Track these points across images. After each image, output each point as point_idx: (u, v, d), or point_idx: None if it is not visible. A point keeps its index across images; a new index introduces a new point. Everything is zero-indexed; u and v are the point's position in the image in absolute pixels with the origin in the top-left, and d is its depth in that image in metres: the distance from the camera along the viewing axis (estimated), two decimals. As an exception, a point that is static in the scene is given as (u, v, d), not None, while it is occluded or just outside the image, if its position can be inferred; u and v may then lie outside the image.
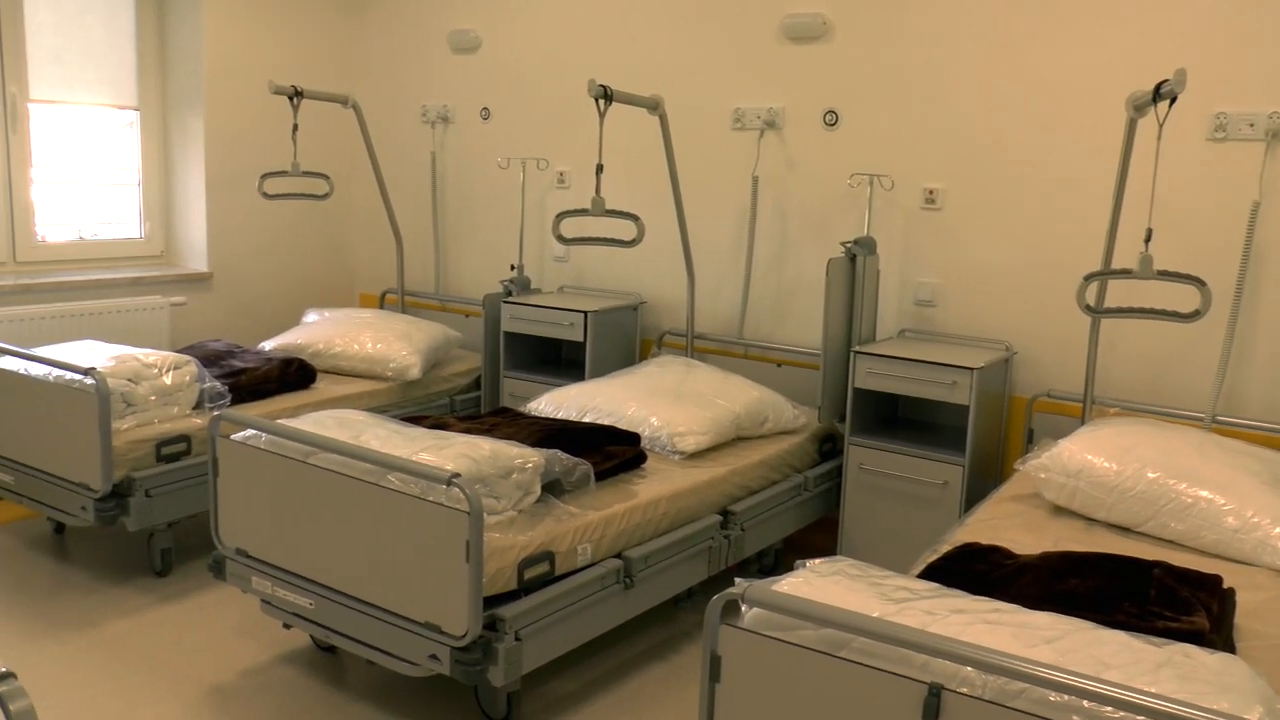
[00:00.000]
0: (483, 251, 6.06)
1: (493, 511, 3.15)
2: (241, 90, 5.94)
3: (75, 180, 5.77)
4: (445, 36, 6.03)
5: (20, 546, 4.62)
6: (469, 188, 6.07)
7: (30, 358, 4.29)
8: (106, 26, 5.73)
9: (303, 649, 3.76)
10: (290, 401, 4.72)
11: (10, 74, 5.34)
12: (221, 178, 5.92)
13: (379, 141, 6.25)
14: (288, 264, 6.33)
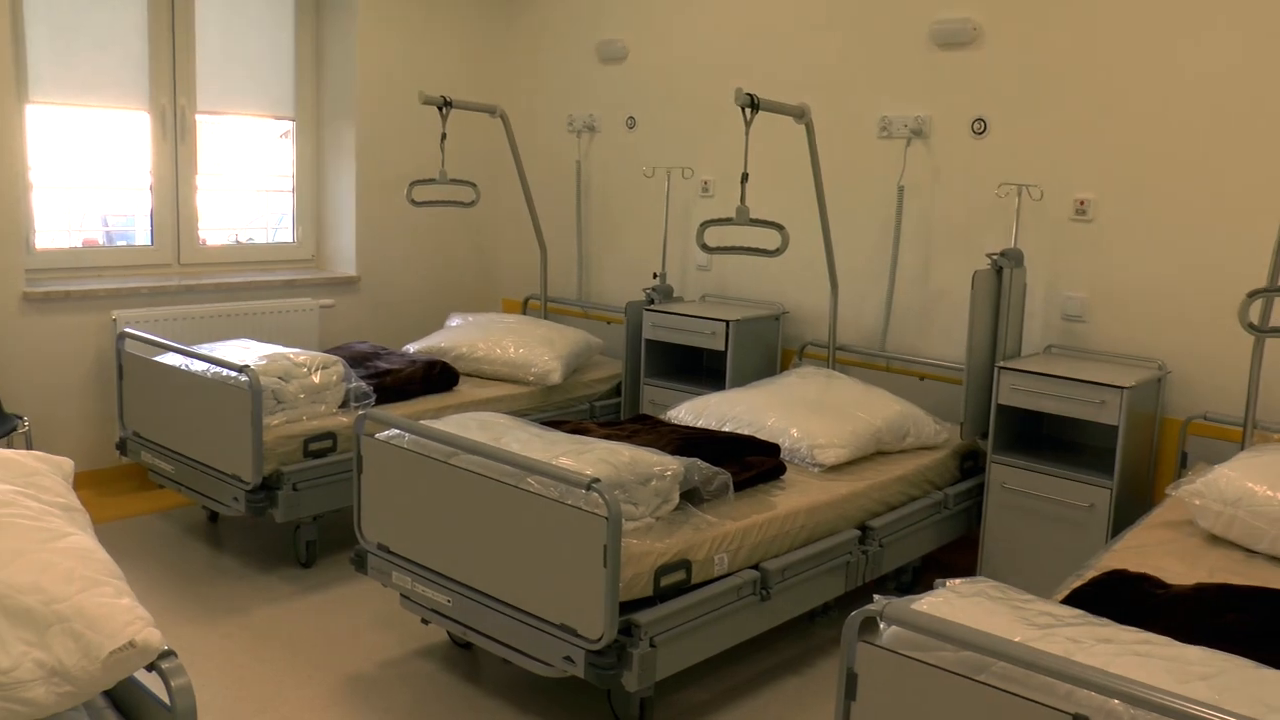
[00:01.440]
0: (625, 259, 6.10)
1: (631, 518, 3.17)
2: (392, 101, 6.10)
3: (234, 187, 6.01)
4: (593, 46, 6.10)
5: (177, 532, 4.83)
6: (613, 196, 6.12)
7: (190, 354, 4.47)
8: (268, 42, 5.95)
9: (440, 644, 3.84)
10: (433, 403, 4.82)
11: (181, 87, 5.60)
12: (371, 185, 6.09)
13: (525, 150, 6.34)
14: (433, 269, 6.48)
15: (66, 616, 1.82)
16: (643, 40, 5.87)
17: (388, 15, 6.04)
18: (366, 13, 5.95)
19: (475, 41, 6.46)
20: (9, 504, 2.06)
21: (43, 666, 1.77)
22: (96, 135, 5.44)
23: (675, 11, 5.71)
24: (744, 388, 4.60)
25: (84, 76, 5.31)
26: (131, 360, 4.77)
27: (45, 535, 1.99)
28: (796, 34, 5.22)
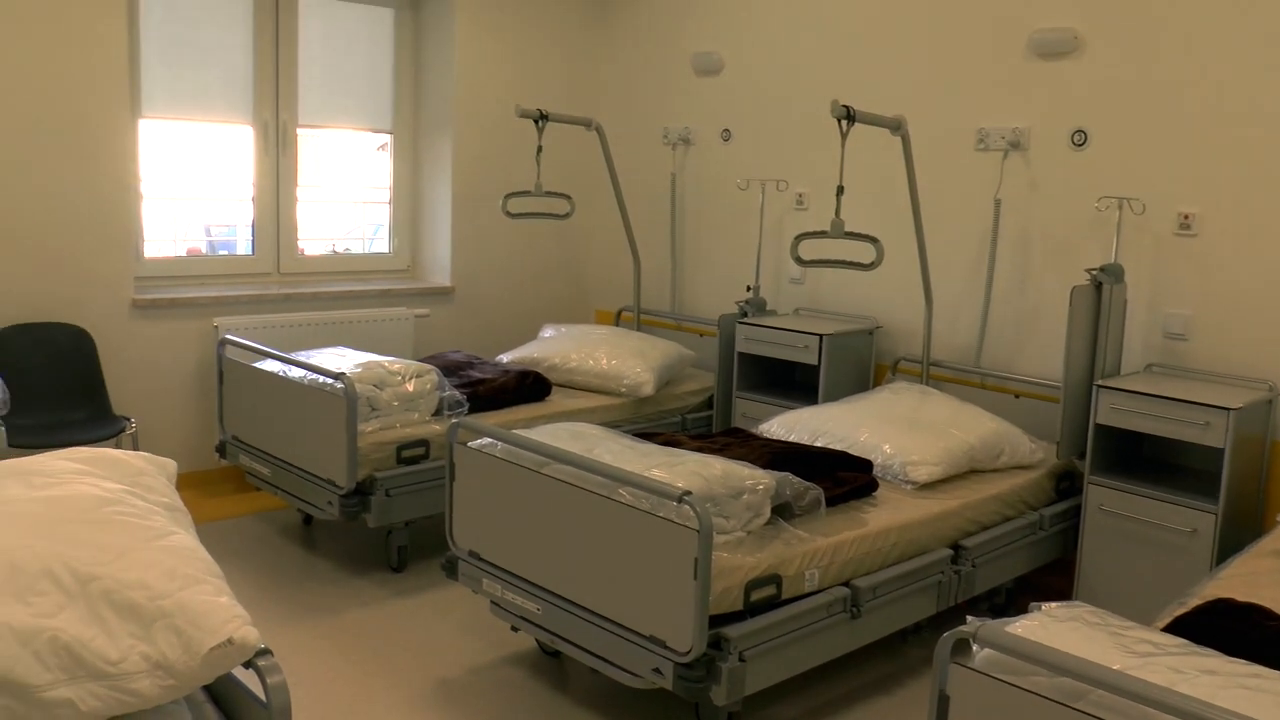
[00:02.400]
0: (719, 272, 6.09)
1: (722, 531, 3.16)
2: (488, 114, 6.17)
3: (332, 199, 6.14)
4: (689, 59, 6.11)
5: (273, 534, 4.93)
6: (707, 208, 6.12)
7: (288, 361, 4.56)
8: (367, 58, 6.08)
9: (528, 652, 3.86)
10: (525, 413, 4.85)
11: (283, 102, 5.73)
12: (466, 197, 6.17)
13: (620, 162, 6.37)
14: (527, 280, 6.54)
15: (170, 612, 1.86)
16: (738, 52, 5.87)
17: (486, 30, 6.12)
18: (465, 28, 6.03)
19: (572, 55, 6.52)
20: (118, 502, 2.12)
21: (148, 660, 1.81)
22: (201, 148, 5.59)
23: (771, 23, 5.70)
24: (836, 403, 4.56)
25: (192, 92, 5.47)
26: (232, 366, 4.88)
27: (150, 533, 2.04)
28: (893, 45, 5.17)
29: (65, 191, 4.92)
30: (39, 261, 4.90)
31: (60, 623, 1.80)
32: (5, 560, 1.87)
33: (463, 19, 6.02)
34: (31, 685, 1.74)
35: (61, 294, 4.97)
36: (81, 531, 1.99)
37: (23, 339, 4.86)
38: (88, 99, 4.92)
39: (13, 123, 4.76)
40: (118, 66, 4.98)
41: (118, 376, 5.14)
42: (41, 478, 2.19)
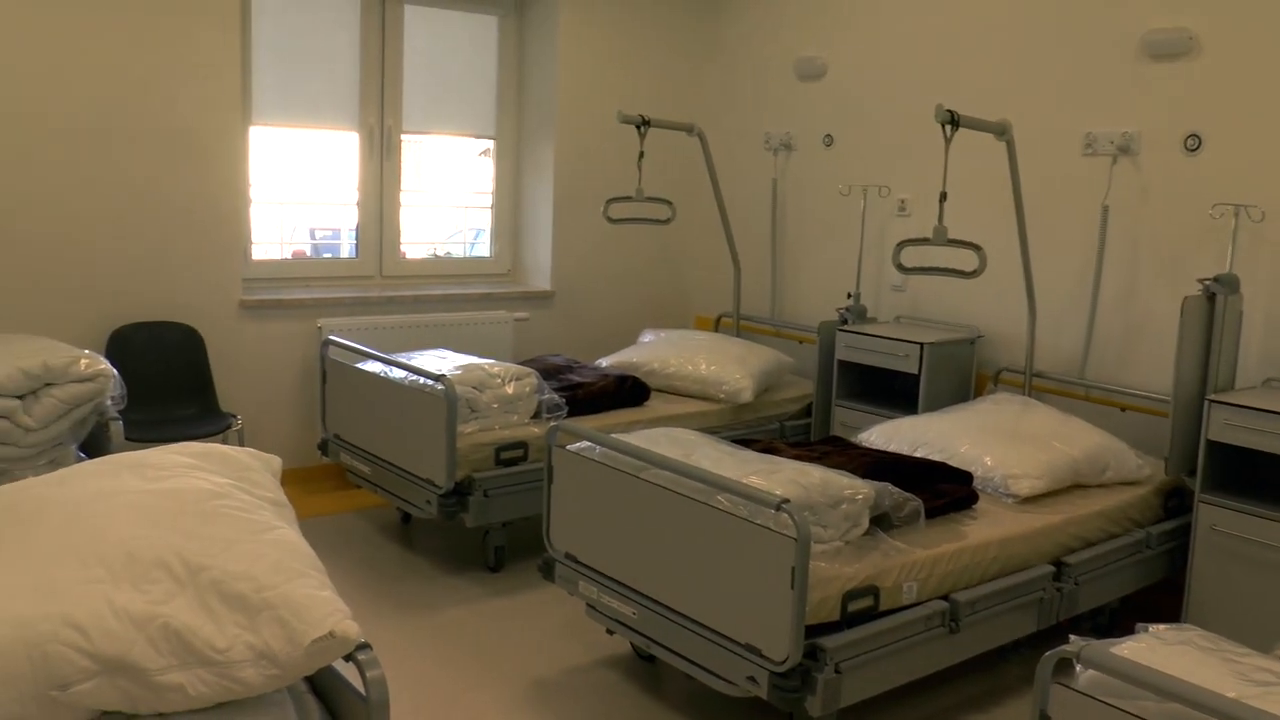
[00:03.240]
0: (819, 278, 6.05)
1: (820, 540, 3.13)
2: (590, 119, 6.21)
3: (434, 203, 6.23)
4: (791, 64, 6.08)
5: (372, 531, 5.01)
6: (808, 214, 6.08)
7: (390, 362, 4.64)
8: (471, 65, 6.16)
9: (623, 655, 3.86)
10: (624, 417, 4.86)
11: (389, 108, 5.84)
12: (568, 202, 6.21)
13: (721, 168, 6.36)
14: (627, 285, 6.56)
15: (274, 604, 1.90)
16: (842, 56, 5.82)
17: (589, 37, 6.16)
18: (568, 34, 6.08)
19: (674, 61, 6.53)
20: (225, 496, 2.17)
21: (253, 649, 1.85)
22: (307, 154, 5.72)
23: (876, 27, 5.64)
24: (937, 413, 4.49)
25: (300, 99, 5.60)
26: (334, 366, 4.98)
27: (256, 527, 2.08)
28: (998, 47, 5.09)
29: (180, 197, 5.07)
30: (154, 263, 5.06)
31: (172, 610, 1.85)
32: (123, 549, 1.93)
33: (566, 25, 6.07)
34: (146, 668, 1.80)
35: (174, 294, 5.12)
36: (192, 523, 2.04)
37: (138, 337, 5.02)
38: (202, 108, 5.07)
39: (132, 131, 4.92)
40: (230, 76, 5.12)
41: (225, 374, 5.27)
42: (155, 470, 2.25)
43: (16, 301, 4.76)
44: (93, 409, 3.49)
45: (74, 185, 4.84)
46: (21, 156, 4.71)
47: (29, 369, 3.32)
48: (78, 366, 3.42)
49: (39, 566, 1.91)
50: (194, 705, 1.84)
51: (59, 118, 4.77)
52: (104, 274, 4.95)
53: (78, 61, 4.77)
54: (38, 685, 1.75)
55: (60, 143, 4.78)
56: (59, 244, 4.84)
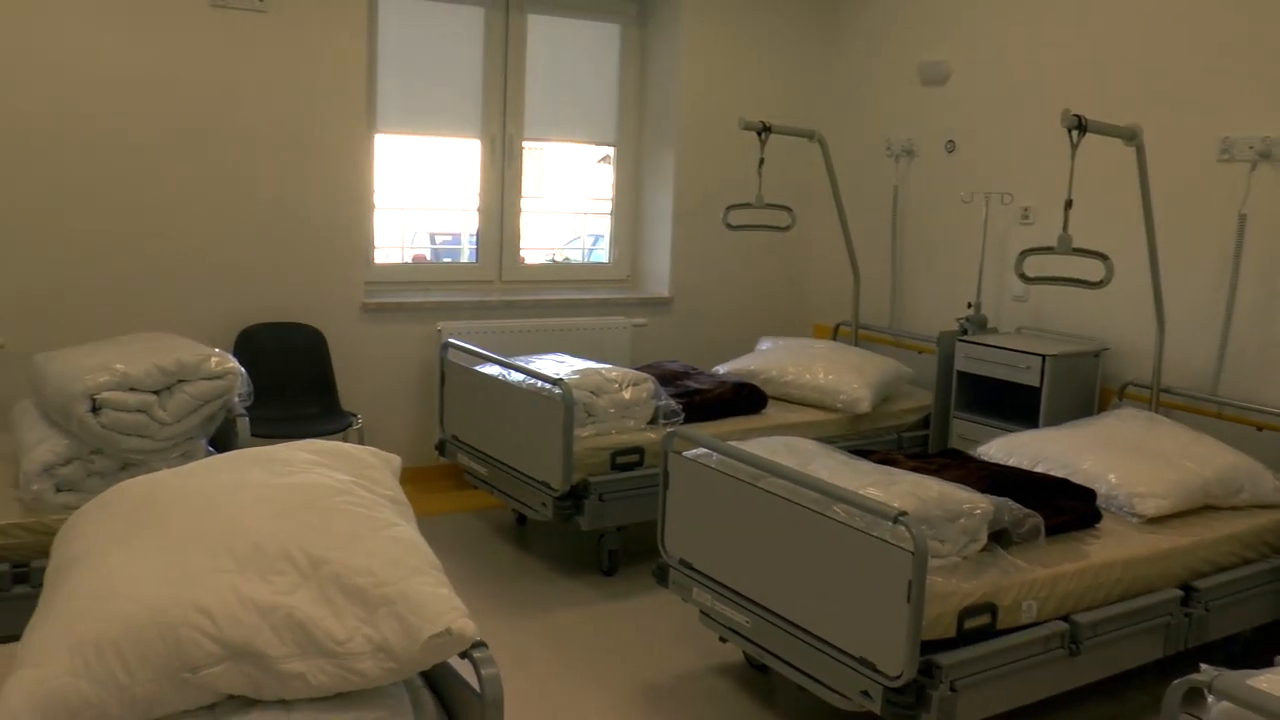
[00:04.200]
0: (939, 287, 5.95)
1: (937, 555, 3.07)
2: (711, 126, 6.21)
3: (553, 209, 6.30)
4: (914, 68, 6.00)
5: (488, 531, 5.08)
6: (929, 222, 5.99)
7: (509, 365, 4.69)
8: (593, 74, 6.21)
9: (736, 664, 3.84)
10: (740, 424, 4.84)
11: (511, 117, 5.92)
12: (687, 208, 6.21)
13: (841, 174, 6.30)
14: (745, 292, 6.54)
15: (393, 599, 1.93)
16: (966, 61, 5.72)
17: (710, 44, 6.16)
18: (690, 42, 6.09)
19: (795, 67, 6.49)
20: (347, 493, 2.21)
21: (371, 642, 1.89)
22: (428, 160, 5.83)
23: (1001, 31, 5.53)
24: (1059, 427, 4.37)
25: (424, 108, 5.71)
26: (453, 369, 5.05)
27: (376, 524, 2.12)
28: (1128, 50, 4.94)
29: (307, 203, 5.22)
30: (282, 266, 5.21)
31: (295, 601, 1.90)
32: (250, 540, 1.99)
33: (688, 33, 6.08)
34: (270, 656, 1.84)
35: (300, 296, 5.27)
36: (316, 518, 2.09)
37: (264, 337, 5.17)
38: (330, 118, 5.22)
39: (264, 141, 5.09)
40: (357, 87, 5.26)
41: (347, 375, 5.40)
42: (281, 466, 2.31)
43: (154, 302, 4.96)
44: (222, 405, 3.60)
45: (208, 192, 5.02)
46: (161, 165, 4.90)
47: (164, 366, 3.44)
48: (209, 364, 3.53)
49: (172, 554, 1.98)
50: (315, 694, 1.88)
51: (198, 129, 4.96)
52: (234, 276, 5.12)
53: (216, 76, 4.95)
54: (171, 667, 1.82)
55: (197, 152, 4.97)
56: (194, 248, 5.02)
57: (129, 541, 2.05)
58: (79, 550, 2.10)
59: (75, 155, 4.74)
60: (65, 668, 1.78)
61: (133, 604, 1.86)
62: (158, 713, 1.83)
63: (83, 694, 1.77)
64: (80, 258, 4.81)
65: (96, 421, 3.29)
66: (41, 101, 4.65)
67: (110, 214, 4.84)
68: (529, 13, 5.92)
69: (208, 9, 4.90)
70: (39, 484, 3.28)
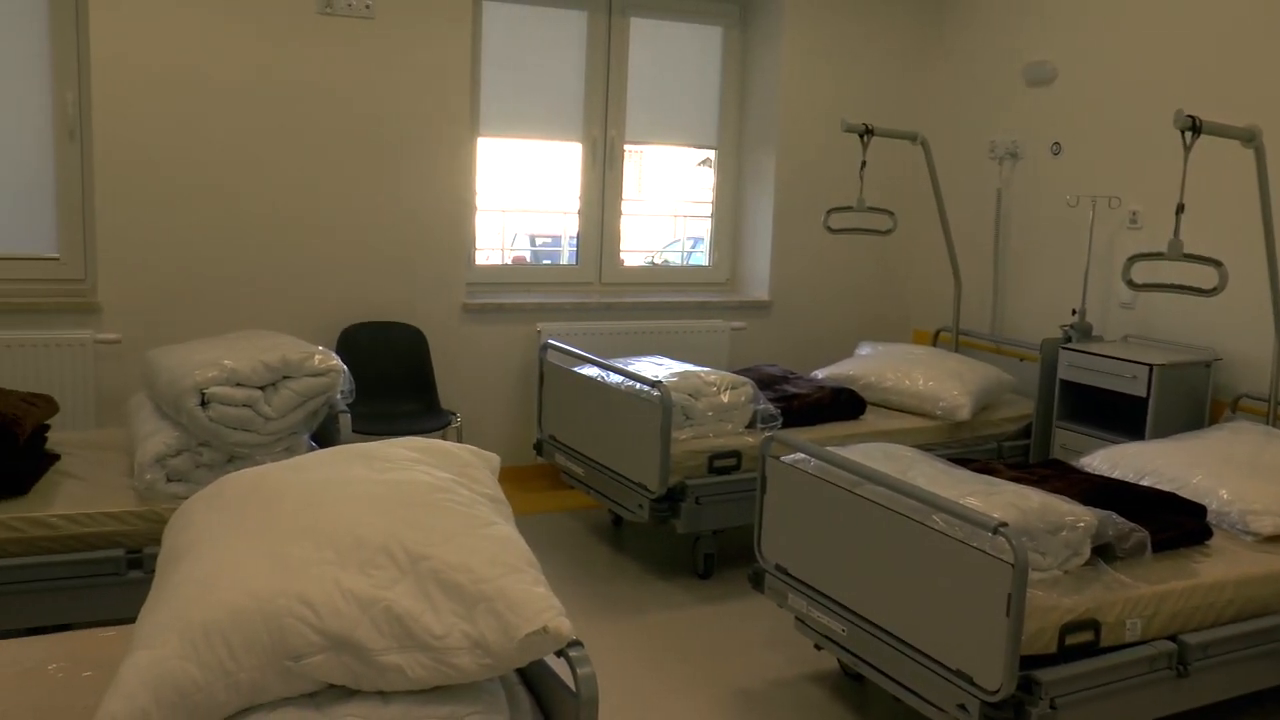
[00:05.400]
0: (1043, 293, 5.83)
1: (1037, 568, 3.01)
2: (813, 128, 6.17)
3: (652, 212, 6.31)
4: (1020, 69, 5.89)
5: (584, 531, 5.11)
6: (1033, 226, 5.87)
7: (607, 367, 4.71)
8: (695, 77, 6.22)
9: (830, 672, 3.81)
10: (838, 430, 4.81)
11: (612, 120, 5.95)
12: (788, 211, 6.18)
13: (944, 177, 6.21)
14: (844, 296, 6.49)
15: (490, 596, 1.95)
16: (1073, 60, 5.60)
17: (813, 45, 6.12)
18: (792, 43, 6.06)
19: (898, 69, 6.42)
20: (446, 490, 2.24)
21: (468, 638, 1.91)
22: (529, 163, 5.89)
23: (1110, 29, 5.40)
24: (1167, 439, 4.25)
25: (526, 112, 5.78)
26: (552, 369, 5.09)
27: (475, 522, 2.14)
28: (1244, 47, 4.77)
29: (411, 204, 5.32)
30: (385, 266, 5.31)
31: (394, 595, 1.93)
32: (351, 534, 2.02)
33: (790, 35, 6.05)
34: (369, 648, 1.88)
35: (402, 296, 5.36)
36: (415, 514, 2.11)
37: (366, 335, 5.27)
38: (433, 120, 5.31)
39: (368, 143, 5.20)
40: (460, 90, 5.34)
41: (447, 374, 5.48)
42: (382, 462, 2.34)
43: (261, 301, 5.09)
44: (324, 401, 3.68)
45: (314, 195, 5.14)
46: (268, 169, 5.03)
47: (270, 362, 3.53)
48: (312, 361, 3.61)
49: (276, 545, 2.02)
50: (412, 686, 1.91)
51: (306, 133, 5.08)
52: (338, 277, 5.23)
53: (323, 81, 5.07)
54: (274, 655, 1.86)
55: (304, 155, 5.09)
56: (300, 249, 5.15)
57: (235, 532, 2.11)
58: (189, 539, 2.16)
59: (187, 161, 4.89)
60: (176, 651, 1.84)
61: (239, 593, 1.91)
62: (261, 698, 1.88)
63: (191, 677, 1.82)
64: (191, 259, 4.96)
65: (205, 415, 3.39)
66: (155, 108, 4.81)
67: (219, 217, 4.98)
68: (631, 16, 5.94)
69: (315, 16, 5.01)
70: (151, 474, 3.39)
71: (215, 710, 1.85)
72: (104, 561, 3.34)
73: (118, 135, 4.75)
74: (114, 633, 2.56)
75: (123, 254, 4.82)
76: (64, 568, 3.30)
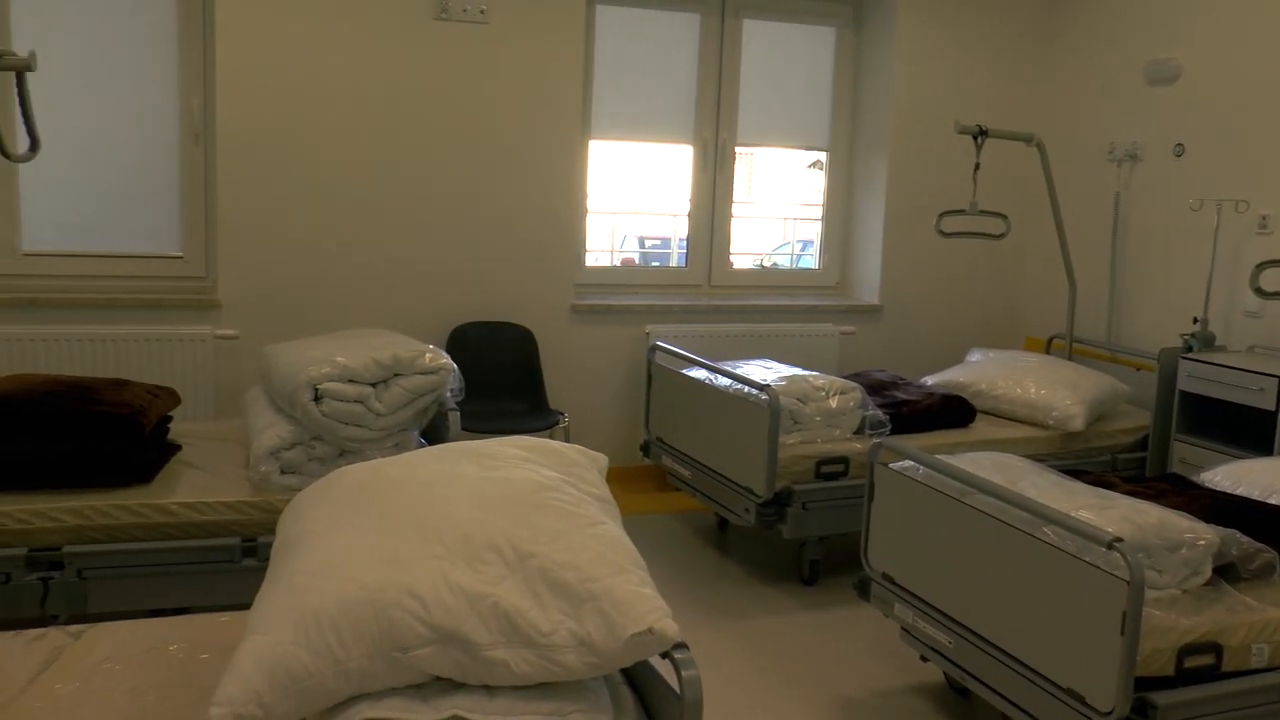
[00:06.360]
0: (1162, 301, 5.66)
1: (1155, 586, 2.92)
2: (925, 130, 6.09)
3: (761, 214, 6.29)
4: (1141, 68, 5.71)
5: (689, 534, 5.11)
6: (1153, 231, 5.70)
7: (716, 370, 4.70)
8: (808, 79, 6.18)
9: (935, 684, 3.74)
10: (947, 438, 4.74)
11: (724, 123, 5.94)
12: (899, 215, 6.11)
13: (1060, 180, 6.07)
14: (955, 302, 6.38)
15: (597, 596, 1.96)
16: (1199, 59, 5.42)
17: (927, 46, 6.04)
18: (906, 44, 5.98)
19: (1013, 69, 6.29)
20: (554, 489, 2.25)
21: (574, 636, 1.92)
22: (638, 165, 5.91)
23: (1239, 24, 5.20)
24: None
25: (637, 114, 5.80)
26: (660, 371, 5.10)
27: (583, 521, 2.15)
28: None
29: (522, 207, 5.38)
30: (496, 268, 5.38)
31: (501, 591, 1.94)
32: (460, 530, 2.05)
33: (903, 35, 5.97)
34: (476, 643, 1.90)
35: (512, 297, 5.42)
36: (523, 512, 2.13)
37: (477, 335, 5.34)
38: (546, 124, 5.37)
39: (481, 146, 5.29)
40: (573, 94, 5.39)
41: (555, 374, 5.52)
42: (491, 460, 2.37)
43: (374, 300, 5.19)
44: (434, 399, 3.74)
45: (427, 196, 5.24)
46: (383, 171, 5.15)
47: (382, 360, 3.59)
48: (423, 360, 3.67)
49: (386, 538, 2.06)
50: (517, 682, 1.92)
51: (420, 136, 5.18)
52: (449, 277, 5.32)
53: (439, 85, 5.17)
54: (383, 645, 1.89)
55: (418, 158, 5.19)
56: (412, 249, 5.25)
57: (347, 524, 2.15)
58: (301, 529, 2.21)
59: (303, 164, 5.02)
60: (289, 637, 1.88)
61: (349, 584, 1.95)
62: (369, 687, 1.91)
63: (303, 663, 1.86)
64: (308, 259, 5.08)
65: (318, 410, 3.47)
66: (275, 113, 4.95)
67: (337, 217, 5.10)
68: (744, 17, 5.93)
69: (431, 22, 5.10)
70: (266, 466, 3.48)
71: (325, 696, 1.89)
72: (220, 549, 3.44)
73: (239, 139, 4.90)
74: (229, 618, 2.64)
75: (242, 253, 4.97)
76: (183, 553, 3.42)
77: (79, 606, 3.33)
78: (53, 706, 2.21)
